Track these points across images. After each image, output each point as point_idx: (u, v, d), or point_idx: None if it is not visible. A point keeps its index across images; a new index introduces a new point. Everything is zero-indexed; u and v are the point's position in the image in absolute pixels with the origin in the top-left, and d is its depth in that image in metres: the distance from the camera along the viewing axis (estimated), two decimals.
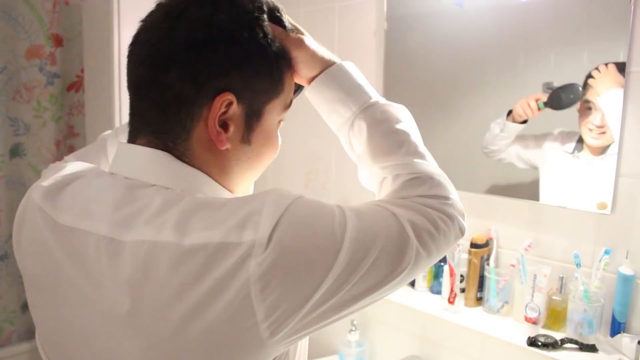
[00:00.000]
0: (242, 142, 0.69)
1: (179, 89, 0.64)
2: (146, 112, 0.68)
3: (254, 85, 0.67)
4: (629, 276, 1.43)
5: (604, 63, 1.46)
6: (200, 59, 0.64)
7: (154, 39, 0.66)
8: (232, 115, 0.66)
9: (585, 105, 1.50)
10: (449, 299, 1.68)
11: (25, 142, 2.43)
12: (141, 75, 0.67)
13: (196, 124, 0.65)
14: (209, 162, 0.68)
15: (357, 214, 0.63)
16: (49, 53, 2.42)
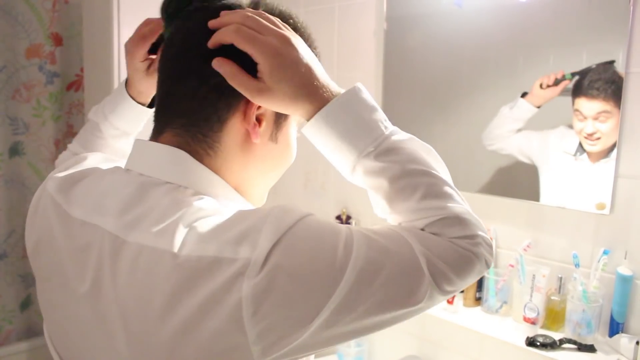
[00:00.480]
0: (270, 139, 0.71)
1: (220, 79, 0.64)
2: (181, 103, 0.67)
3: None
4: (628, 276, 1.43)
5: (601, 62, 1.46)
6: (242, 52, 0.63)
7: (190, 33, 0.68)
8: (265, 111, 0.68)
9: (577, 115, 1.51)
10: (448, 299, 1.68)
11: (24, 141, 2.43)
12: (180, 67, 0.67)
13: (232, 114, 0.66)
14: (234, 157, 0.68)
15: (367, 241, 0.59)
16: (48, 52, 2.42)
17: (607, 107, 1.46)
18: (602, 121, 1.46)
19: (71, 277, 0.65)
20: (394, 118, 2.08)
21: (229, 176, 0.69)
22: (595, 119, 1.48)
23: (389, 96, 1.99)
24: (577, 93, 1.51)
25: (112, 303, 0.60)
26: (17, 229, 2.45)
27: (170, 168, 0.66)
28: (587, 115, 1.49)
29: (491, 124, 1.71)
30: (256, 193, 0.75)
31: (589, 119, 1.49)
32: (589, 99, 1.48)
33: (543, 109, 1.59)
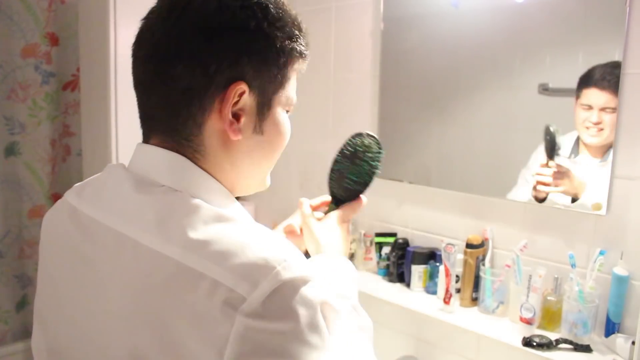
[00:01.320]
0: (254, 132, 0.68)
1: (189, 81, 0.63)
2: (156, 111, 0.67)
3: (263, 74, 0.66)
4: (624, 277, 1.43)
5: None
6: (210, 48, 0.63)
7: (158, 33, 0.65)
8: (243, 105, 0.66)
9: (582, 107, 1.51)
10: (445, 299, 1.68)
11: (20, 141, 2.42)
12: (148, 72, 0.66)
13: (208, 116, 0.65)
14: (222, 158, 0.68)
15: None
16: (44, 52, 2.41)
17: (614, 102, 1.45)
18: (608, 112, 1.47)
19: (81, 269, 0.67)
20: (391, 118, 2.09)
21: (222, 175, 0.69)
22: (601, 110, 1.48)
23: (385, 97, 1.99)
24: (587, 83, 1.50)
25: (114, 299, 0.62)
26: (13, 229, 2.44)
27: (167, 171, 0.66)
28: (595, 106, 1.48)
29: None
30: (254, 183, 0.75)
31: (595, 109, 1.49)
32: (600, 89, 1.47)
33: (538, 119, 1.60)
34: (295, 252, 0.59)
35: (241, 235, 0.59)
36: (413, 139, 1.94)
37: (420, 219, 1.95)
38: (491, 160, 1.73)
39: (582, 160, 1.53)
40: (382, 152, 0.99)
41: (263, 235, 0.60)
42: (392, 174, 2.00)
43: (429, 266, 1.84)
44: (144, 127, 0.70)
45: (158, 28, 0.66)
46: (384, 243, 1.97)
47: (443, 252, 1.68)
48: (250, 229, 0.61)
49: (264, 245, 0.58)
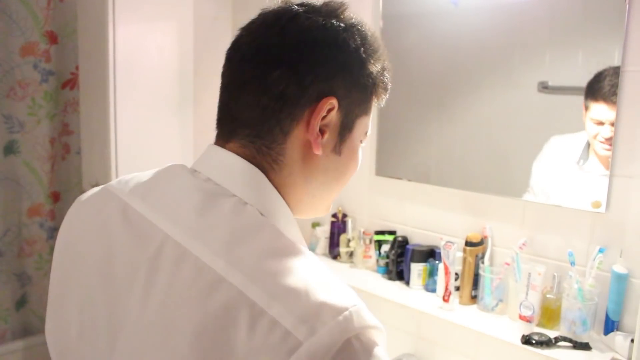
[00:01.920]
0: (333, 151, 0.69)
1: (284, 88, 0.64)
2: (244, 112, 0.67)
3: (353, 95, 0.69)
4: (623, 275, 1.43)
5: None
6: (309, 60, 0.65)
7: (261, 38, 0.67)
8: (329, 122, 0.67)
9: (593, 121, 1.49)
10: (444, 297, 1.68)
11: (19, 140, 2.42)
12: (243, 72, 0.67)
13: (295, 126, 0.66)
14: (298, 171, 0.68)
15: None
16: (43, 50, 2.41)
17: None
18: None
19: (122, 266, 0.64)
20: (390, 116, 2.09)
21: (292, 190, 0.69)
22: (612, 124, 1.46)
23: None
24: (595, 96, 1.48)
25: (160, 306, 0.58)
26: (12, 227, 2.44)
27: (241, 181, 0.66)
28: (606, 121, 1.47)
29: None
30: (319, 204, 0.75)
31: (606, 124, 1.47)
32: (611, 105, 1.45)
33: (539, 118, 1.60)
34: (359, 300, 0.56)
35: (307, 271, 0.57)
36: (412, 137, 1.94)
37: (420, 216, 1.95)
38: (490, 158, 1.73)
39: (590, 168, 1.52)
40: None
41: (330, 278, 0.58)
42: (391, 172, 2.00)
43: (429, 264, 1.84)
44: (224, 128, 0.70)
45: (260, 34, 0.68)
46: (384, 241, 1.97)
47: (442, 250, 1.68)
48: (318, 268, 0.59)
49: (328, 286, 0.56)
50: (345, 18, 0.70)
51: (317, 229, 2.19)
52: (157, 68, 2.22)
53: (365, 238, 2.02)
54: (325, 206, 0.77)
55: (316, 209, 0.75)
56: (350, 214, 2.16)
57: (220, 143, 0.70)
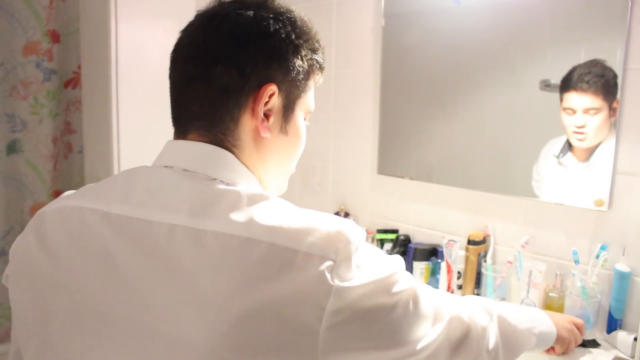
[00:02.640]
0: (280, 131, 0.77)
1: (226, 80, 0.71)
2: (194, 106, 0.74)
3: (290, 79, 0.76)
4: (626, 273, 1.43)
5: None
6: (245, 51, 0.72)
7: (199, 38, 0.74)
8: (272, 106, 0.75)
9: (566, 110, 1.52)
10: None
11: (22, 139, 2.42)
12: (188, 71, 0.74)
13: (243, 112, 0.73)
14: (255, 153, 0.76)
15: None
16: (46, 49, 2.41)
17: (596, 103, 1.46)
18: (591, 114, 1.47)
19: (125, 273, 0.66)
20: (392, 115, 2.08)
21: (254, 169, 0.77)
22: (585, 112, 1.49)
23: (386, 93, 1.99)
24: (566, 87, 1.52)
25: (193, 286, 0.62)
26: (15, 226, 2.45)
27: (215, 164, 0.72)
28: (577, 109, 1.50)
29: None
30: (277, 183, 0.85)
31: (578, 112, 1.50)
32: (579, 93, 1.49)
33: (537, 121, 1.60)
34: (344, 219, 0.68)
35: (307, 212, 0.67)
36: (414, 136, 1.94)
37: (422, 215, 1.94)
38: (492, 156, 1.73)
39: (567, 162, 1.53)
40: None
41: (317, 213, 0.68)
42: (393, 171, 2.00)
43: (431, 263, 1.84)
44: (180, 124, 0.77)
45: (199, 34, 0.74)
46: (386, 240, 1.97)
47: (445, 249, 1.68)
48: (305, 209, 0.69)
49: (330, 218, 0.66)
50: (274, 8, 0.77)
51: None
52: (160, 66, 2.21)
53: (368, 237, 2.02)
54: (281, 184, 0.88)
55: (275, 188, 0.86)
56: (352, 212, 2.16)
57: (180, 136, 0.76)
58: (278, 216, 0.65)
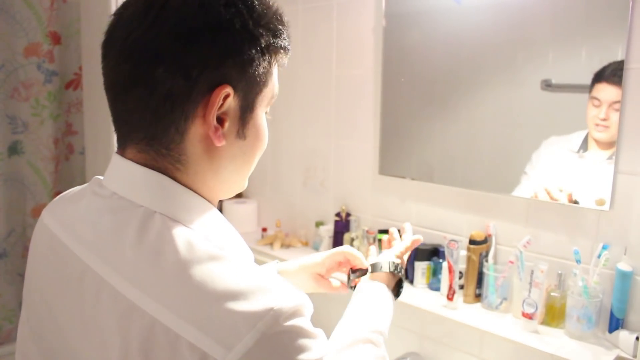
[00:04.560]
0: (237, 136, 0.65)
1: (170, 85, 0.59)
2: (133, 116, 0.62)
3: (248, 75, 0.63)
4: (628, 272, 1.43)
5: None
6: (191, 51, 0.58)
7: (135, 33, 0.60)
8: (227, 109, 0.62)
9: (593, 101, 1.50)
10: (448, 295, 1.68)
11: (23, 140, 2.43)
12: (123, 73, 0.61)
13: (191, 123, 0.61)
14: (204, 166, 0.64)
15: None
16: (47, 51, 2.42)
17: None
18: (615, 109, 1.46)
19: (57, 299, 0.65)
20: (393, 115, 2.09)
21: (203, 185, 0.66)
22: (609, 106, 1.47)
23: (387, 93, 1.99)
24: (598, 78, 1.49)
25: (79, 337, 0.60)
26: (16, 228, 2.45)
27: (145, 190, 0.62)
28: (604, 101, 1.48)
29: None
30: (235, 187, 0.72)
31: (604, 104, 1.48)
32: (610, 84, 1.47)
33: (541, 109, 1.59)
34: (282, 297, 0.56)
35: (221, 282, 0.55)
36: (415, 136, 1.94)
37: (423, 215, 1.94)
38: (494, 156, 1.73)
39: (590, 155, 1.52)
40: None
41: (247, 279, 0.56)
42: (394, 171, 2.00)
43: (432, 263, 1.84)
44: (118, 133, 0.65)
45: (134, 27, 0.60)
46: None
47: (446, 249, 1.68)
48: (233, 272, 0.56)
49: (244, 294, 0.54)
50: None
51: (321, 228, 2.19)
52: None
53: (369, 237, 2.02)
54: (240, 186, 0.73)
55: (233, 190, 0.72)
56: (353, 212, 2.16)
57: (120, 150, 0.66)
58: (184, 283, 0.54)
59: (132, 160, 0.63)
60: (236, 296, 0.54)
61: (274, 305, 0.54)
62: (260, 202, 2.57)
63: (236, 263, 0.58)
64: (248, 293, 0.54)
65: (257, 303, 0.54)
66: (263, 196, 2.54)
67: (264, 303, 0.54)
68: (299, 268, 1.04)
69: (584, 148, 1.53)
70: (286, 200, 2.43)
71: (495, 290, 1.65)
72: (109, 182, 0.66)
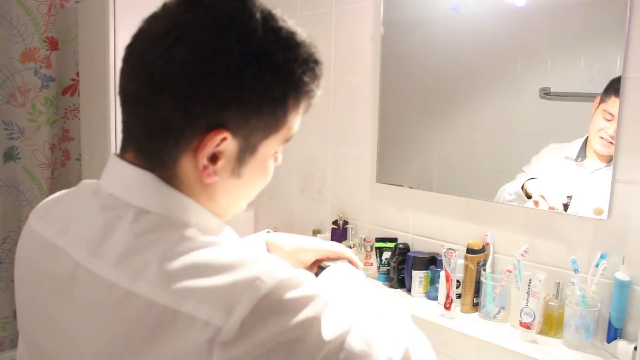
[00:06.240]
0: (231, 175, 0.63)
1: (168, 115, 0.58)
2: (134, 127, 0.63)
3: (252, 123, 0.60)
4: (626, 282, 1.42)
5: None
6: (196, 89, 0.57)
7: (149, 54, 0.59)
8: (224, 150, 0.60)
9: (605, 114, 1.47)
10: (445, 304, 1.67)
11: (19, 146, 2.41)
12: (132, 88, 0.61)
13: (183, 154, 0.60)
14: (197, 190, 0.63)
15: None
16: (44, 56, 2.41)
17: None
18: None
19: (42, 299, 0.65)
20: (391, 123, 2.08)
21: (198, 200, 0.65)
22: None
23: (386, 101, 1.99)
24: (615, 92, 1.45)
25: (67, 334, 0.60)
26: (12, 234, 2.43)
27: (139, 190, 0.62)
28: (617, 117, 1.45)
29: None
30: (230, 212, 0.70)
31: (615, 120, 1.45)
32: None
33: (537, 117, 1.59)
34: (274, 262, 0.56)
35: (214, 259, 0.55)
36: (413, 144, 1.94)
37: (421, 224, 1.94)
38: (492, 164, 1.73)
39: (588, 164, 1.52)
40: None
41: (238, 254, 0.57)
42: (392, 179, 2.00)
43: (430, 271, 1.83)
44: (123, 135, 0.65)
45: (149, 48, 0.60)
46: (385, 248, 1.96)
47: (444, 258, 1.67)
48: (224, 250, 0.57)
49: (237, 265, 0.55)
50: (250, 27, 0.59)
51: (318, 236, 2.19)
52: None
53: (366, 245, 2.02)
54: (236, 211, 0.71)
55: (230, 212, 0.70)
56: (351, 221, 2.15)
57: (120, 152, 0.66)
58: (176, 264, 0.55)
59: (130, 162, 0.64)
60: (231, 268, 0.54)
61: (267, 267, 0.55)
62: (257, 210, 2.56)
63: (227, 245, 0.59)
64: (241, 263, 0.55)
65: (253, 268, 0.54)
66: (260, 203, 2.53)
67: (260, 267, 0.55)
68: (293, 251, 1.03)
69: (582, 156, 1.53)
70: (283, 208, 2.43)
71: (493, 299, 1.64)
72: (106, 183, 0.66)
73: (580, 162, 1.53)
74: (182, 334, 0.52)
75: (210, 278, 0.54)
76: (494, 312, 1.64)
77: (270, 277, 0.54)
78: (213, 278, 0.54)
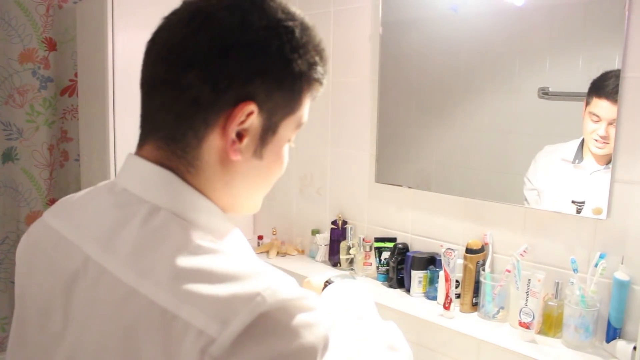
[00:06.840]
0: (254, 155, 0.66)
1: (197, 92, 0.61)
2: (158, 114, 0.65)
3: (276, 98, 0.64)
4: (625, 282, 1.42)
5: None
6: (224, 64, 0.61)
7: (177, 37, 0.63)
8: (249, 126, 0.63)
9: (592, 116, 1.49)
10: (445, 304, 1.67)
11: (18, 147, 2.41)
12: (158, 73, 0.64)
13: (210, 131, 0.62)
14: (216, 175, 0.65)
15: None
16: (42, 57, 2.41)
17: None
18: (615, 126, 1.45)
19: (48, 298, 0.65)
20: (390, 123, 2.09)
21: (212, 193, 0.66)
22: (609, 124, 1.46)
23: (384, 101, 1.99)
24: (599, 92, 1.47)
25: (75, 332, 0.60)
26: (10, 235, 2.43)
27: (153, 186, 0.64)
28: (603, 118, 1.47)
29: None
30: (246, 205, 0.72)
31: (603, 122, 1.47)
32: (611, 102, 1.45)
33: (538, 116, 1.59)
34: (279, 279, 0.56)
35: (220, 267, 0.56)
36: (412, 144, 1.94)
37: (420, 223, 1.94)
38: (491, 164, 1.73)
39: (586, 165, 1.52)
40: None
41: (244, 266, 0.57)
42: (391, 179, 1.99)
43: (429, 271, 1.83)
44: (142, 128, 0.68)
45: (178, 31, 0.63)
46: (384, 248, 1.97)
47: (443, 257, 1.67)
48: (231, 260, 0.57)
49: (240, 276, 0.55)
50: (269, 12, 0.64)
51: (317, 236, 2.19)
52: None
53: (365, 245, 2.02)
54: (252, 206, 0.73)
55: (242, 209, 0.72)
56: (350, 221, 2.15)
57: (138, 147, 0.68)
58: (182, 266, 0.56)
59: (146, 158, 0.65)
60: (235, 278, 0.54)
61: (271, 284, 0.55)
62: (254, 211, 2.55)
63: (234, 255, 0.59)
64: (245, 276, 0.55)
65: (257, 283, 0.54)
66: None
67: (264, 283, 0.55)
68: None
69: (579, 159, 1.53)
70: (282, 208, 2.42)
71: (492, 299, 1.64)
72: (120, 179, 0.68)
73: (578, 164, 1.53)
74: (177, 339, 0.52)
75: (212, 286, 0.54)
76: (493, 312, 1.64)
77: (272, 294, 0.53)
78: (215, 286, 0.53)
